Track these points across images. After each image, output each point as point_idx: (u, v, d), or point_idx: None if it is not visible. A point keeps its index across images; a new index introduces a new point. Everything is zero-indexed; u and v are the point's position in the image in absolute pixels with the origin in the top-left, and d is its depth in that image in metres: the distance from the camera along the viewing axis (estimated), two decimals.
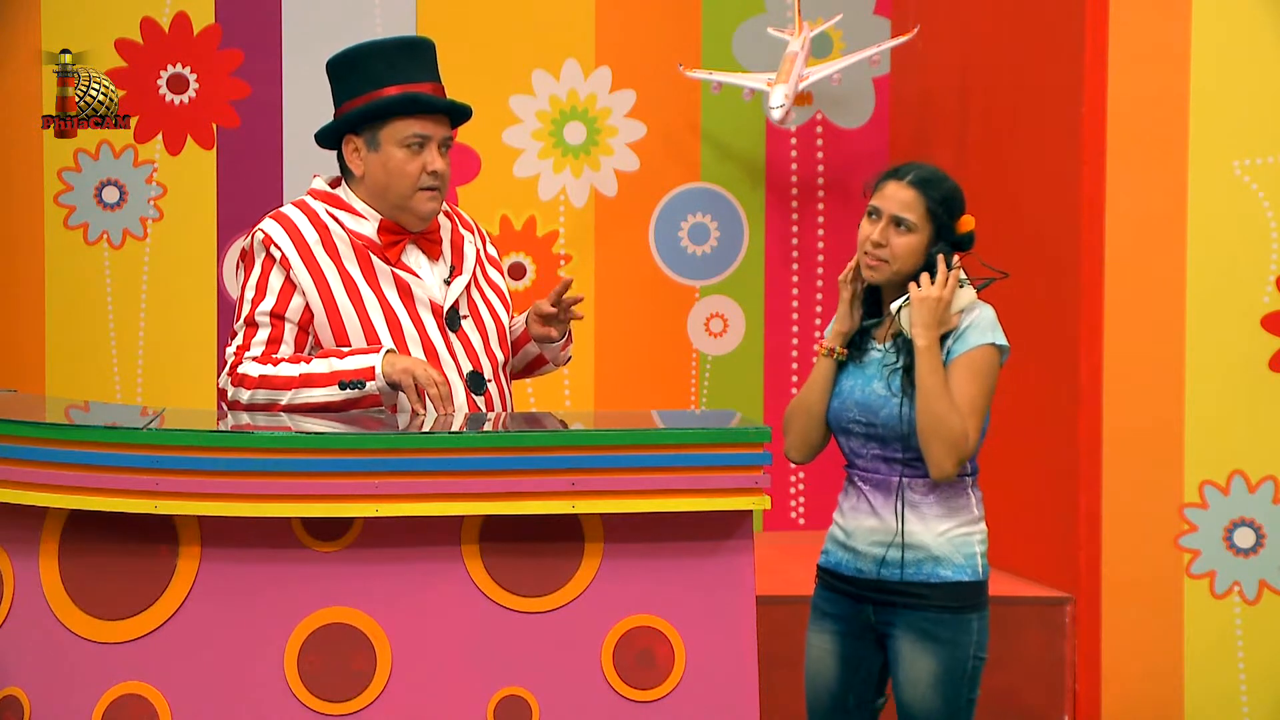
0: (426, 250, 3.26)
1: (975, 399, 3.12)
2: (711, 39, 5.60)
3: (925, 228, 3.16)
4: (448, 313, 3.24)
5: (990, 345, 3.15)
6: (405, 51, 3.23)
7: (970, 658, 3.16)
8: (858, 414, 3.20)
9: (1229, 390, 4.22)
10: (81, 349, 5.50)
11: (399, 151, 3.19)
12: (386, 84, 3.20)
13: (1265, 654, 4.23)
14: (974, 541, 3.19)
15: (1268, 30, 4.20)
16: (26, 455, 2.80)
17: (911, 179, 3.17)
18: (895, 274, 3.17)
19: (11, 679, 2.84)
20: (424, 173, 3.19)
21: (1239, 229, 4.22)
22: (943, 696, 3.14)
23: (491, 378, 3.26)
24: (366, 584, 2.81)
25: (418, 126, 3.18)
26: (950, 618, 3.14)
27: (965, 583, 3.16)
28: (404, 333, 3.20)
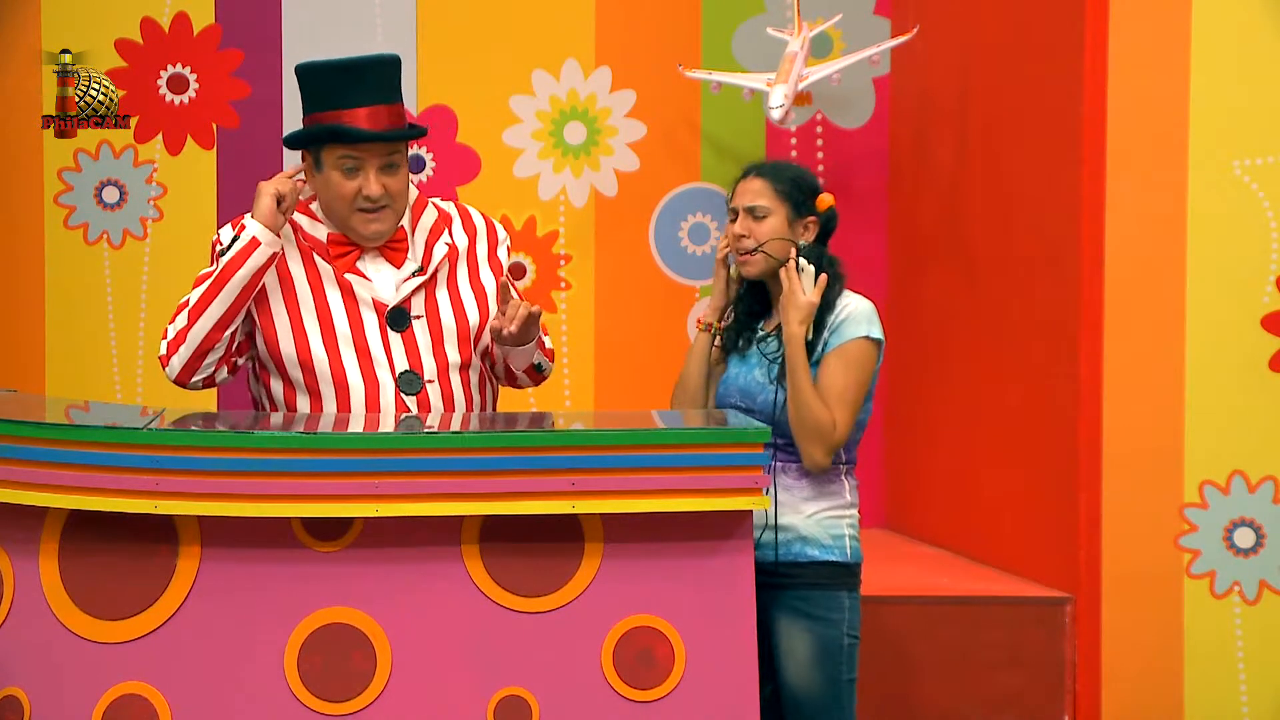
0: (389, 256, 3.28)
1: (847, 390, 3.24)
2: (711, 39, 5.59)
3: (780, 208, 3.33)
4: (391, 312, 3.24)
5: (865, 338, 3.26)
6: (348, 74, 3.23)
7: (844, 635, 3.25)
8: (738, 399, 3.34)
9: (1229, 390, 4.22)
10: (81, 349, 5.50)
11: (335, 174, 3.22)
12: (324, 108, 3.23)
13: (1265, 654, 4.23)
14: (843, 525, 3.29)
15: (1268, 30, 4.19)
16: (26, 455, 2.80)
17: (757, 171, 3.37)
18: (766, 261, 3.32)
19: (11, 679, 2.84)
20: (359, 196, 3.21)
21: (1239, 229, 4.22)
22: (823, 673, 3.23)
23: (435, 378, 3.24)
24: (366, 584, 2.81)
25: (348, 150, 3.20)
26: (820, 595, 3.24)
27: (834, 563, 3.26)
28: (335, 329, 3.22)
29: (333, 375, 3.22)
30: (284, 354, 3.23)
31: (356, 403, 3.22)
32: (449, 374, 3.27)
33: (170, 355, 3.21)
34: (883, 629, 4.23)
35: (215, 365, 3.23)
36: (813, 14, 5.31)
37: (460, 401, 3.28)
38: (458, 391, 3.28)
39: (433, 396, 3.24)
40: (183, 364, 3.21)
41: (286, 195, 3.21)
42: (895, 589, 4.43)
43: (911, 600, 4.40)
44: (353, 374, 3.22)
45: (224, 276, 3.16)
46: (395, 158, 3.24)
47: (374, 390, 3.22)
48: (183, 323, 3.20)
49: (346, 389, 3.22)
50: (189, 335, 3.18)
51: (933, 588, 4.52)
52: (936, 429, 5.21)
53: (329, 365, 3.22)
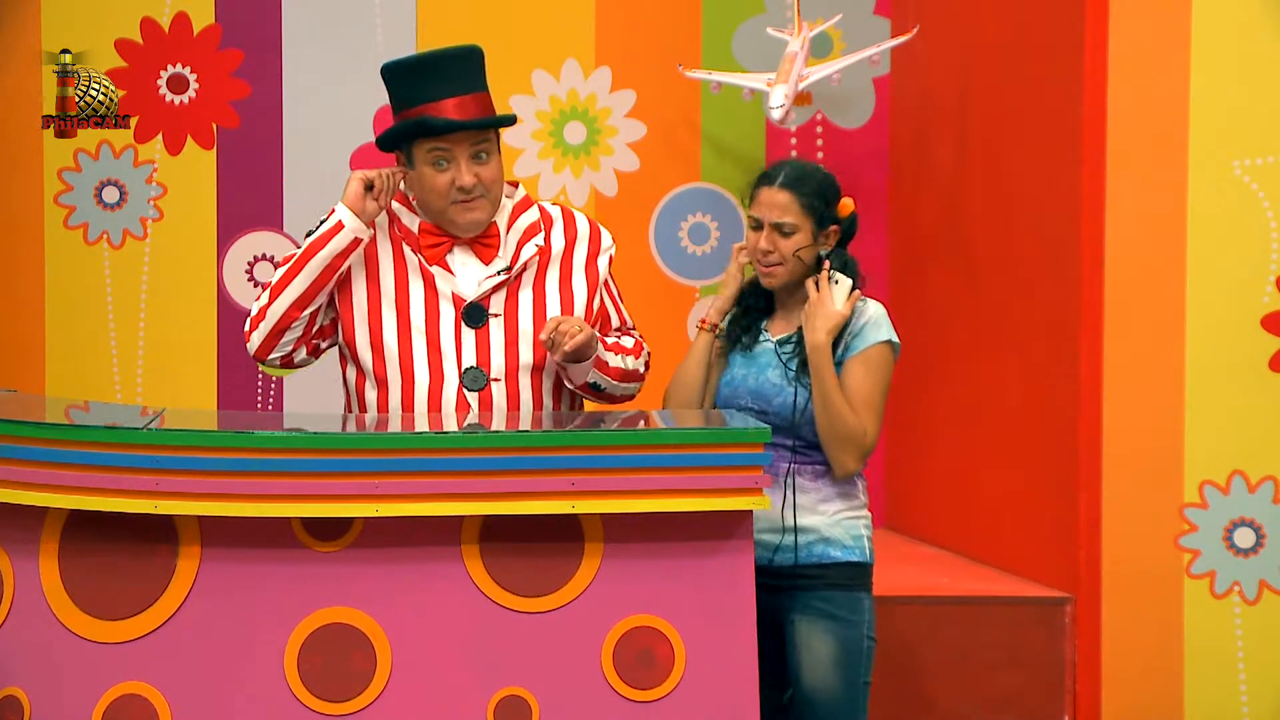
0: (480, 252, 3.30)
1: (873, 395, 3.23)
2: (711, 39, 5.59)
3: (805, 223, 3.29)
4: (468, 307, 3.25)
5: (886, 343, 3.26)
6: (429, 69, 3.27)
7: (864, 637, 3.25)
8: (749, 401, 3.30)
9: (1229, 390, 4.22)
10: (81, 349, 5.50)
11: (427, 169, 3.25)
12: (413, 104, 3.26)
13: (1265, 654, 4.23)
14: (860, 525, 3.29)
15: (1268, 30, 4.19)
16: (26, 455, 2.80)
17: (782, 181, 3.30)
18: (790, 275, 3.30)
19: (11, 679, 2.84)
20: (453, 187, 3.23)
21: (1239, 229, 4.21)
22: (843, 676, 3.21)
23: (503, 378, 3.25)
24: (366, 584, 2.81)
25: (436, 143, 3.23)
26: (844, 596, 3.23)
27: (855, 563, 3.25)
28: (410, 319, 3.24)
29: (400, 364, 3.24)
30: (357, 340, 3.26)
31: (420, 394, 3.23)
32: (518, 375, 3.27)
33: (251, 330, 3.26)
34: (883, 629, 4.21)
35: (294, 345, 3.26)
36: (813, 14, 5.31)
37: (527, 403, 3.28)
38: (525, 393, 3.28)
39: (497, 395, 3.25)
40: (261, 339, 3.25)
41: (377, 183, 3.25)
42: (895, 589, 4.43)
43: (911, 600, 4.40)
44: (420, 364, 3.23)
45: (305, 256, 3.21)
46: (484, 146, 3.26)
47: (438, 383, 3.23)
48: (264, 300, 3.24)
49: (412, 379, 3.24)
50: (268, 312, 3.23)
51: (933, 588, 4.52)
52: (936, 429, 5.21)
53: (398, 353, 3.24)
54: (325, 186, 5.49)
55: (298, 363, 3.31)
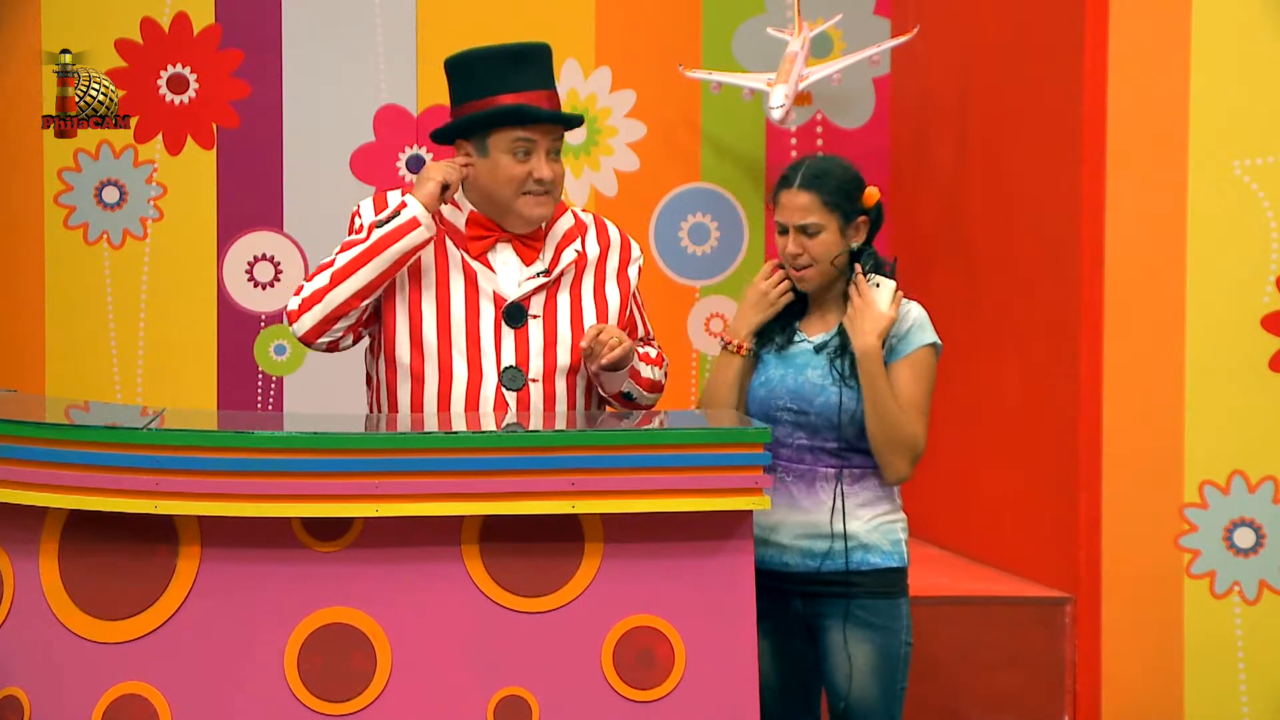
0: (521, 252, 3.30)
1: (921, 399, 3.20)
2: (711, 39, 5.59)
3: (831, 220, 3.23)
4: (509, 307, 3.25)
5: (930, 345, 3.23)
6: (516, 60, 3.27)
7: (903, 643, 3.20)
8: (788, 402, 3.23)
9: (1229, 390, 4.22)
10: (81, 349, 5.50)
11: (505, 158, 3.24)
12: (497, 93, 3.25)
13: (1265, 654, 4.23)
14: (898, 529, 3.25)
15: (1268, 30, 4.19)
16: (26, 455, 2.80)
17: (800, 182, 3.24)
18: (823, 275, 3.26)
19: (11, 679, 2.84)
20: (529, 179, 3.24)
21: (1239, 229, 4.21)
22: (880, 684, 3.17)
23: (540, 379, 3.25)
24: (366, 584, 2.81)
25: (524, 133, 3.23)
26: (883, 604, 3.19)
27: (893, 569, 3.21)
28: (450, 317, 3.24)
29: (439, 360, 3.23)
30: (397, 332, 3.25)
31: (458, 391, 3.23)
32: (555, 376, 3.27)
33: (302, 312, 3.20)
34: None
35: (344, 332, 3.23)
36: (813, 14, 5.31)
37: (562, 404, 3.28)
38: (561, 394, 3.28)
39: (534, 396, 3.25)
40: (314, 323, 3.20)
41: (453, 184, 3.25)
42: None
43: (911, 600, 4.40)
44: (459, 361, 3.23)
45: (377, 248, 3.18)
46: (559, 144, 3.29)
47: (476, 381, 3.23)
48: (321, 283, 3.20)
49: (450, 376, 3.23)
50: (327, 297, 3.19)
51: (933, 588, 4.51)
52: (936, 429, 5.19)
53: (437, 349, 3.23)
54: (325, 186, 5.50)
55: (342, 347, 3.29)
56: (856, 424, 3.18)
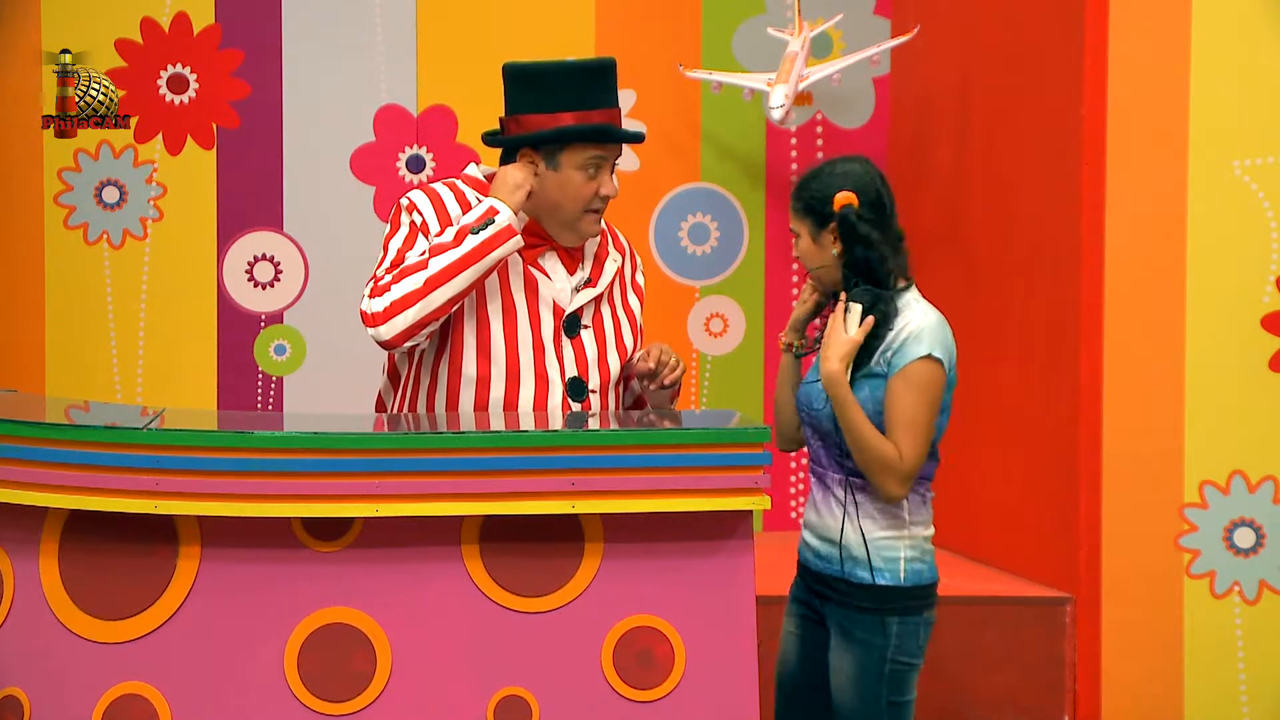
0: (564, 259, 3.32)
1: (913, 415, 3.12)
2: (711, 39, 5.59)
3: (804, 227, 3.25)
4: (568, 318, 3.27)
5: (924, 359, 3.13)
6: (590, 77, 3.27)
7: (886, 660, 3.16)
8: (808, 406, 3.28)
9: (1229, 390, 4.22)
10: (81, 349, 5.50)
11: (577, 175, 3.25)
12: (571, 108, 3.25)
13: (1265, 654, 4.23)
14: (900, 547, 3.20)
15: (1268, 30, 4.19)
16: (26, 455, 2.80)
17: (792, 191, 3.29)
18: (816, 278, 3.29)
19: (11, 679, 2.84)
20: (596, 196, 3.26)
21: (1239, 229, 4.22)
22: (858, 695, 3.17)
23: (598, 389, 3.27)
24: (366, 584, 2.81)
25: (598, 151, 3.25)
26: (865, 619, 3.17)
27: (883, 587, 3.17)
28: (516, 324, 3.24)
29: (507, 365, 3.22)
30: (465, 336, 3.23)
31: (525, 399, 3.22)
32: (609, 387, 3.31)
33: (391, 316, 3.11)
34: None
35: (426, 336, 3.19)
36: (813, 14, 5.31)
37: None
38: (611, 405, 3.33)
39: (594, 407, 3.27)
40: (405, 327, 3.12)
41: (533, 190, 3.25)
42: None
43: None
44: (526, 368, 3.23)
45: (474, 256, 3.14)
46: (618, 160, 3.32)
47: (544, 390, 3.23)
48: (413, 286, 3.13)
49: (518, 382, 3.23)
50: (421, 302, 3.12)
51: None
52: None
53: (505, 354, 3.23)
54: (325, 186, 5.50)
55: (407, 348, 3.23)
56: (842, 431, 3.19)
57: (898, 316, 3.16)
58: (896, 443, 3.10)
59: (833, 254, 3.21)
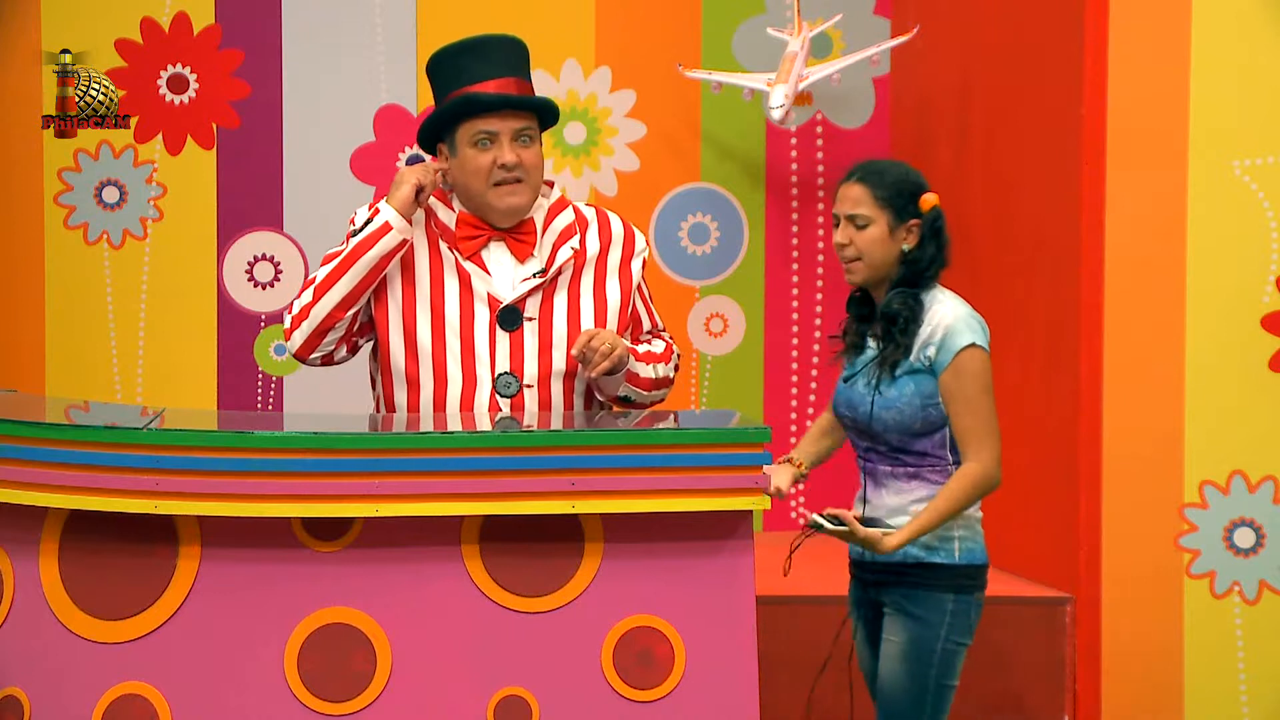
0: (514, 248, 3.28)
1: (977, 407, 3.22)
2: (711, 39, 5.60)
3: (882, 216, 3.24)
4: (504, 310, 3.23)
5: (972, 347, 3.20)
6: (472, 53, 3.28)
7: (941, 638, 3.21)
8: (845, 409, 3.31)
9: (1229, 390, 4.22)
10: (81, 349, 5.50)
11: (470, 151, 3.24)
12: (453, 89, 3.26)
13: (1265, 654, 4.23)
14: (953, 526, 3.25)
15: (1268, 30, 4.19)
16: (26, 455, 2.80)
17: (857, 175, 3.27)
18: (870, 269, 3.27)
19: (11, 679, 2.84)
20: (495, 167, 3.22)
21: (1239, 229, 4.22)
22: (909, 673, 3.20)
23: (535, 384, 3.24)
24: (366, 584, 2.81)
25: (482, 124, 3.23)
26: (922, 594, 3.21)
27: (939, 564, 3.22)
28: (445, 319, 3.22)
29: (434, 366, 3.22)
30: (391, 339, 3.24)
31: (453, 397, 3.22)
32: (550, 381, 3.25)
33: (293, 330, 3.22)
34: None
35: (335, 344, 3.24)
36: (813, 14, 5.31)
37: (558, 409, 3.27)
38: (557, 399, 3.26)
39: (529, 402, 3.23)
40: (304, 339, 3.22)
41: (427, 186, 3.24)
42: None
43: None
44: (453, 367, 3.22)
45: (352, 257, 3.18)
46: (528, 130, 3.27)
47: (470, 387, 3.22)
48: (307, 299, 3.21)
49: (445, 382, 3.22)
50: (312, 312, 3.19)
51: None
52: None
53: (432, 355, 3.22)
54: (325, 186, 5.50)
55: (337, 360, 3.29)
56: (893, 430, 3.22)
57: (926, 312, 3.22)
58: (972, 443, 3.20)
59: (902, 248, 3.23)
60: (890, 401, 3.20)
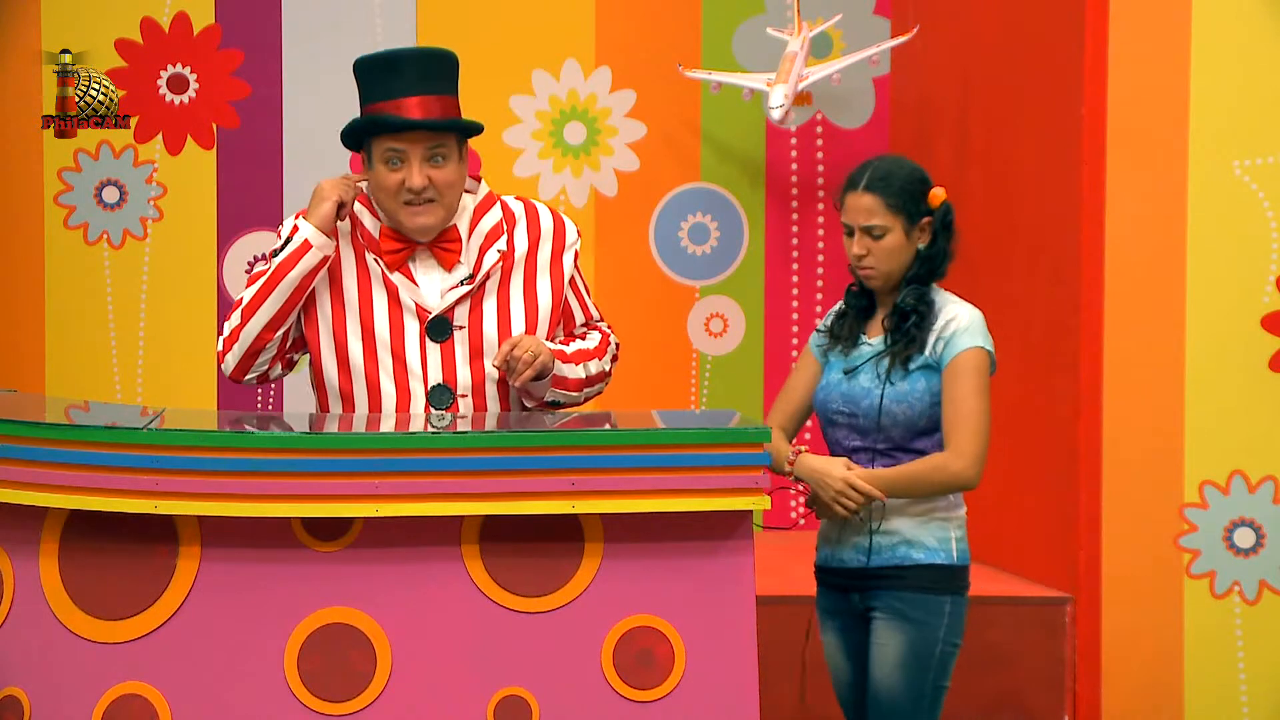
0: (441, 258, 3.23)
1: (970, 404, 3.20)
2: (711, 39, 5.60)
3: (897, 223, 3.22)
4: (432, 322, 3.20)
5: (979, 348, 3.22)
6: (388, 67, 3.21)
7: (940, 641, 3.19)
8: (841, 405, 3.27)
9: (1229, 390, 4.22)
10: (81, 349, 5.50)
11: (381, 167, 3.19)
12: (370, 100, 3.21)
13: (1265, 654, 4.23)
14: (949, 527, 3.24)
15: (1268, 30, 4.19)
16: (26, 455, 2.80)
17: (866, 184, 3.24)
18: (889, 275, 3.26)
19: (11, 679, 2.83)
20: (402, 188, 3.16)
21: (1239, 229, 4.22)
22: (907, 678, 3.18)
23: (469, 393, 3.21)
24: (366, 584, 2.81)
25: (392, 143, 3.17)
26: (921, 598, 3.19)
27: (939, 565, 3.20)
28: (375, 334, 3.19)
29: (367, 381, 3.19)
30: (323, 355, 3.21)
31: (388, 412, 3.19)
32: (485, 388, 3.22)
33: (225, 353, 3.20)
34: None
35: (269, 363, 3.22)
36: (813, 14, 5.31)
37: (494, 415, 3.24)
38: (493, 406, 3.23)
39: (464, 411, 3.21)
40: (236, 362, 3.20)
41: (348, 202, 3.19)
42: None
43: None
44: (386, 382, 3.19)
45: (275, 278, 3.14)
46: (442, 150, 3.18)
47: (405, 401, 3.19)
48: (236, 321, 3.18)
49: (379, 396, 3.19)
50: (241, 334, 3.17)
51: None
52: None
53: (365, 371, 3.19)
54: None
55: (273, 378, 3.27)
56: (900, 425, 3.21)
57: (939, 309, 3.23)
58: (953, 437, 3.18)
59: (918, 249, 3.24)
60: (903, 395, 3.19)
